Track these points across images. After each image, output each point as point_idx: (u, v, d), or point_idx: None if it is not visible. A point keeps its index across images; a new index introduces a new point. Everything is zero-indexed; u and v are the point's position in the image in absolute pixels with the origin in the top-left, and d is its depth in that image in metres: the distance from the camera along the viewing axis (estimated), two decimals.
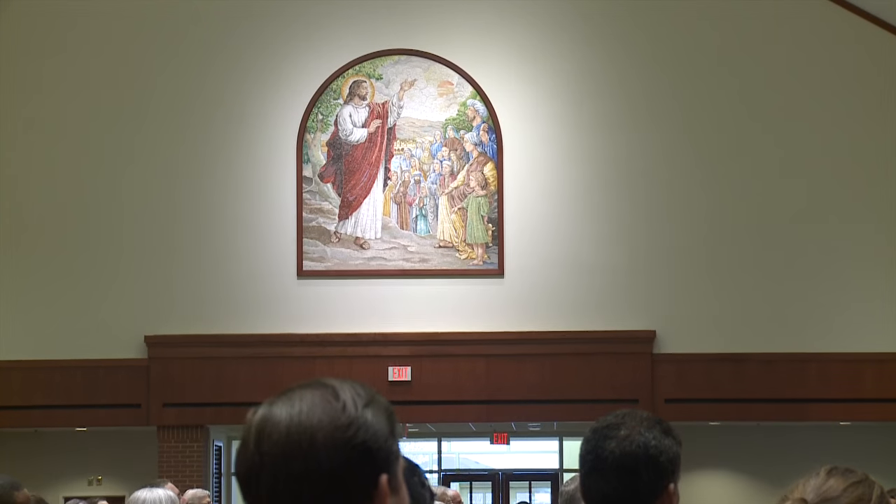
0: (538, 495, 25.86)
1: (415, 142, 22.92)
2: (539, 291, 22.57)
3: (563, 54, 22.78)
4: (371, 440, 2.32)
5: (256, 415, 2.35)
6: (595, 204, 22.69)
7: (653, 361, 22.48)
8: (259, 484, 2.31)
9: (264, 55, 22.76)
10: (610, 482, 4.22)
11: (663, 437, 4.26)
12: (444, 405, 22.58)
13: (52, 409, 22.41)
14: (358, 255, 22.76)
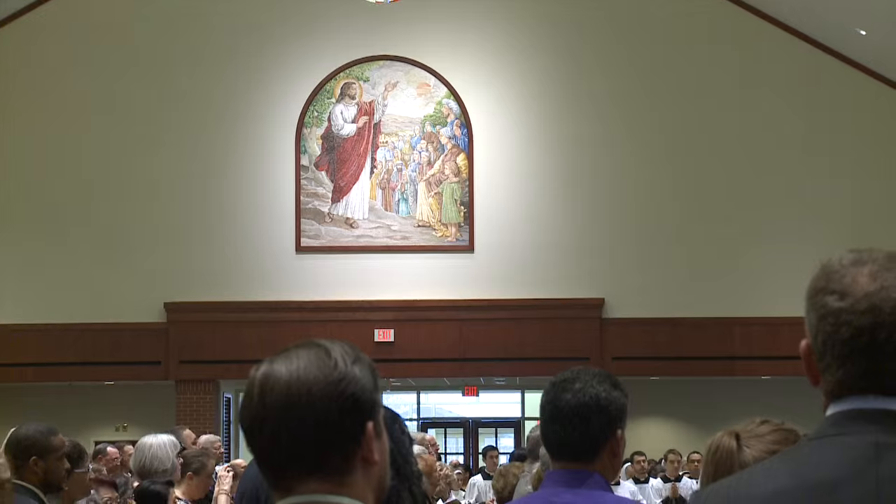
0: (503, 440, 25.79)
1: (397, 135, 22.91)
2: (504, 265, 22.58)
3: (526, 60, 22.76)
4: (358, 392, 2.30)
5: (259, 371, 2.34)
6: (554, 189, 22.70)
7: (601, 325, 22.52)
8: (262, 432, 2.29)
9: (268, 62, 22.70)
10: (566, 428, 4.24)
11: (612, 390, 4.27)
12: (422, 363, 22.58)
13: (84, 366, 22.37)
14: (348, 233, 22.76)
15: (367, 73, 22.93)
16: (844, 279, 2.35)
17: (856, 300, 2.32)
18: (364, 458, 2.34)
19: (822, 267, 2.41)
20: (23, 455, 6.60)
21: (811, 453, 2.35)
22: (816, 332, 2.38)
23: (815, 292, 2.39)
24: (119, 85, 22.62)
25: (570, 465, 4.31)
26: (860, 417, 2.34)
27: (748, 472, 2.44)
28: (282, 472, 2.34)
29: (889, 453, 2.29)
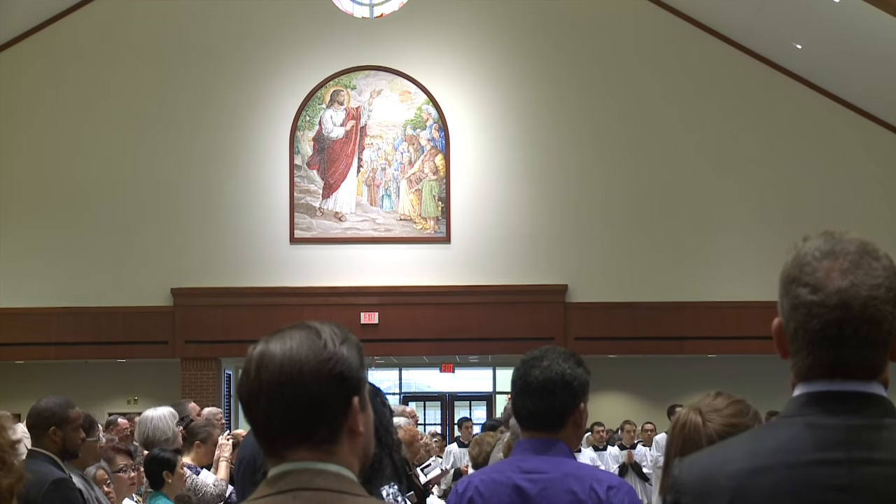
0: (476, 412, 25.78)
1: (381, 138, 22.89)
2: (478, 254, 22.59)
3: (498, 70, 22.76)
4: (346, 370, 2.31)
5: (256, 350, 2.35)
6: (522, 186, 22.70)
7: (565, 308, 22.54)
8: (258, 405, 2.31)
9: (264, 71, 22.67)
10: (535, 401, 4.27)
11: (576, 367, 4.31)
12: (404, 342, 22.59)
13: (99, 345, 22.38)
14: (337, 225, 22.74)
15: (354, 81, 22.91)
16: (817, 273, 2.32)
17: (827, 296, 2.30)
18: (350, 429, 2.35)
19: (795, 255, 2.37)
20: (43, 425, 6.61)
21: (785, 433, 2.34)
22: (789, 319, 2.35)
23: (788, 280, 2.36)
24: (131, 89, 22.59)
25: (537, 434, 4.34)
26: (829, 399, 2.32)
27: (724, 449, 2.42)
28: (275, 441, 2.34)
29: (858, 434, 2.28)
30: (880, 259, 2.33)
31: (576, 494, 4.18)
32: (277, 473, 2.33)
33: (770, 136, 22.49)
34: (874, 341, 2.31)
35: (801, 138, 22.46)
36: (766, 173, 22.42)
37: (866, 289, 2.30)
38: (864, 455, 2.27)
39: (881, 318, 2.30)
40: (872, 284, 2.30)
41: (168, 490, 8.14)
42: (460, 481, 4.49)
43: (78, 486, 6.56)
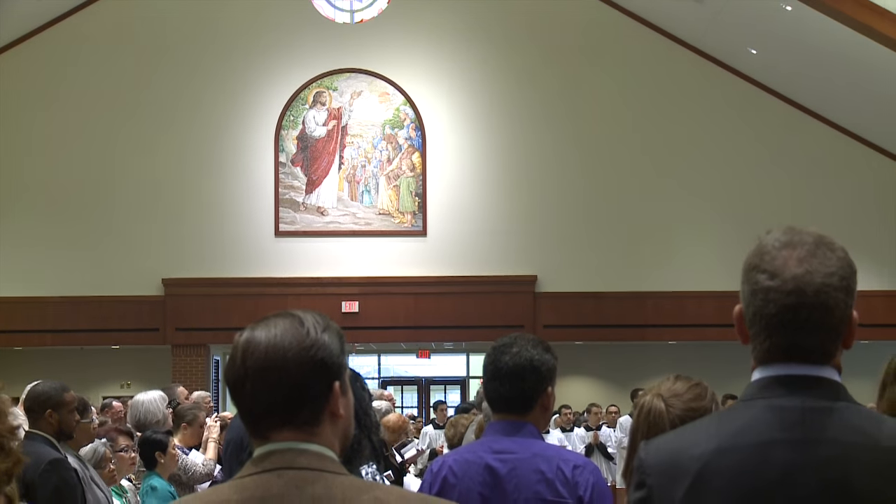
0: (450, 395, 25.82)
1: (361, 136, 22.87)
2: (453, 247, 22.60)
3: (472, 73, 22.77)
4: (327, 356, 2.31)
5: (242, 337, 2.34)
6: (495, 182, 22.72)
7: (535, 298, 22.57)
8: (244, 389, 2.30)
9: (251, 74, 22.64)
10: (505, 385, 4.29)
11: (544, 353, 4.32)
12: (383, 330, 22.59)
13: (94, 332, 22.33)
14: (319, 219, 22.72)
15: (335, 83, 22.88)
16: (776, 261, 2.34)
17: (784, 281, 2.32)
18: (331, 412, 2.35)
19: (757, 245, 2.40)
20: (39, 408, 6.59)
21: (746, 415, 2.35)
22: (748, 304, 2.38)
23: (749, 268, 2.38)
24: (125, 90, 22.52)
25: (507, 416, 4.36)
26: (785, 383, 2.34)
27: (687, 432, 2.43)
28: (260, 423, 2.34)
29: (814, 415, 2.30)
30: (835, 251, 2.36)
31: (544, 473, 4.20)
32: (262, 453, 2.33)
33: (727, 137, 22.55)
34: (827, 326, 2.34)
35: (756, 139, 22.51)
36: (723, 172, 22.49)
37: (820, 276, 2.32)
38: (818, 435, 2.29)
39: (833, 305, 2.32)
40: (826, 272, 2.32)
41: (161, 469, 8.16)
42: (435, 461, 4.50)
43: (73, 466, 6.54)
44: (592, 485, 4.20)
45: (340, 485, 2.30)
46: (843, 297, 2.34)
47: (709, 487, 2.30)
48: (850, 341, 2.39)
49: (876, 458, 2.27)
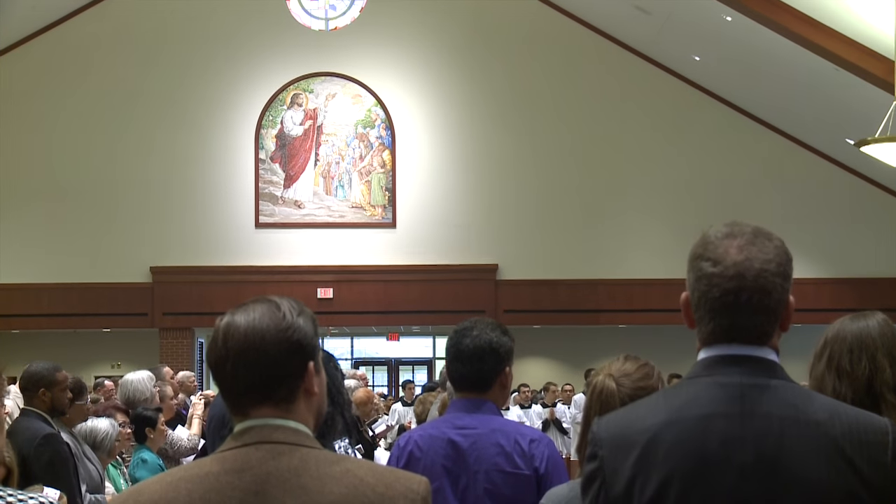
0: (418, 375, 25.85)
1: (335, 135, 22.84)
2: (420, 237, 22.60)
3: (439, 77, 22.76)
4: (302, 338, 2.31)
5: (223, 321, 2.34)
6: (459, 178, 22.73)
7: (496, 285, 22.60)
8: (225, 369, 2.31)
9: (234, 76, 22.57)
10: (466, 366, 4.31)
11: (502, 336, 4.35)
12: (355, 314, 22.59)
13: (86, 316, 22.27)
14: (296, 212, 22.67)
15: (311, 86, 22.83)
16: (718, 249, 2.36)
17: (725, 267, 2.34)
18: (306, 390, 2.35)
19: (702, 236, 2.42)
20: (33, 387, 6.59)
21: (691, 391, 2.37)
22: (693, 290, 2.40)
23: (694, 257, 2.40)
24: (117, 92, 22.42)
25: (469, 394, 4.38)
26: (727, 362, 2.37)
27: (637, 408, 2.44)
28: (240, 400, 2.34)
29: (752, 391, 2.32)
30: (773, 240, 2.39)
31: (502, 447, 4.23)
32: (242, 428, 2.33)
33: (673, 137, 22.63)
34: (765, 309, 2.36)
35: (699, 139, 22.61)
36: (670, 169, 22.57)
37: (759, 262, 2.34)
38: (755, 410, 2.32)
39: (771, 289, 2.35)
40: (764, 259, 2.35)
41: (151, 444, 8.19)
42: (401, 436, 4.51)
43: (66, 441, 6.55)
44: (547, 457, 4.23)
45: (314, 457, 2.30)
46: (781, 281, 2.37)
47: (655, 457, 2.32)
48: (787, 324, 2.42)
49: (807, 431, 2.29)
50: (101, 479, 6.95)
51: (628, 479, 2.33)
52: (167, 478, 2.33)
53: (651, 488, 2.30)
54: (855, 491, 2.26)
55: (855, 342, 3.21)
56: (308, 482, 2.26)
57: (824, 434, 2.29)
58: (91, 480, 6.78)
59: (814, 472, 2.26)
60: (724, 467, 2.28)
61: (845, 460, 2.27)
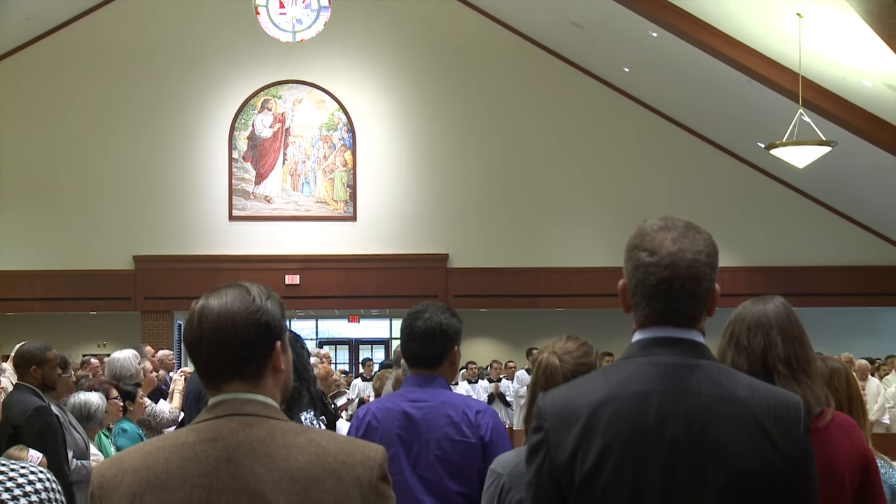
0: (376, 353, 25.83)
1: (302, 137, 22.76)
2: (378, 229, 22.58)
3: (395, 85, 22.74)
4: (270, 321, 2.32)
5: (198, 304, 2.35)
6: (413, 175, 22.73)
7: (446, 272, 22.62)
8: (200, 348, 2.32)
9: (209, 83, 22.45)
10: (418, 345, 4.34)
11: (451, 318, 4.38)
12: (319, 299, 22.55)
13: (75, 300, 22.11)
14: (266, 206, 22.58)
15: (280, 92, 22.74)
16: (654, 241, 2.37)
17: (661, 257, 2.36)
18: (273, 367, 2.35)
19: (638, 229, 2.43)
20: (25, 364, 6.69)
21: (627, 370, 2.38)
22: (631, 278, 2.41)
23: (632, 248, 2.41)
24: (104, 97, 22.25)
25: (421, 371, 4.41)
26: (661, 343, 2.38)
27: (579, 384, 2.45)
28: (214, 376, 2.34)
29: (683, 371, 2.34)
30: (702, 233, 2.41)
31: (451, 418, 4.26)
32: (215, 402, 2.34)
33: (605, 139, 22.73)
34: (696, 296, 2.38)
35: (629, 141, 22.71)
36: (604, 169, 22.67)
37: (691, 253, 2.36)
38: (684, 387, 2.34)
39: (702, 277, 2.37)
40: (696, 250, 2.37)
41: (131, 416, 8.28)
42: (360, 409, 4.53)
43: (55, 413, 6.57)
44: (492, 427, 4.27)
45: (281, 428, 2.30)
46: (709, 271, 2.39)
47: (596, 429, 2.33)
48: (713, 309, 2.44)
49: (731, 406, 2.32)
50: (87, 446, 6.99)
51: (571, 450, 2.33)
52: (147, 447, 2.34)
53: (592, 457, 2.31)
54: (771, 460, 2.29)
55: (752, 321, 3.27)
56: (275, 451, 2.26)
57: (746, 409, 2.31)
58: (77, 447, 6.82)
59: (736, 444, 2.29)
60: (658, 439, 2.30)
61: (763, 433, 2.30)
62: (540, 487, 2.36)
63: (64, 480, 6.12)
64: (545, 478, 2.35)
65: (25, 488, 2.43)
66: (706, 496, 2.26)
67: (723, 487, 2.26)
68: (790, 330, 3.26)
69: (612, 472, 2.29)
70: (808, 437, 2.33)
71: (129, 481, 2.26)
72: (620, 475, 2.28)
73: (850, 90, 15.83)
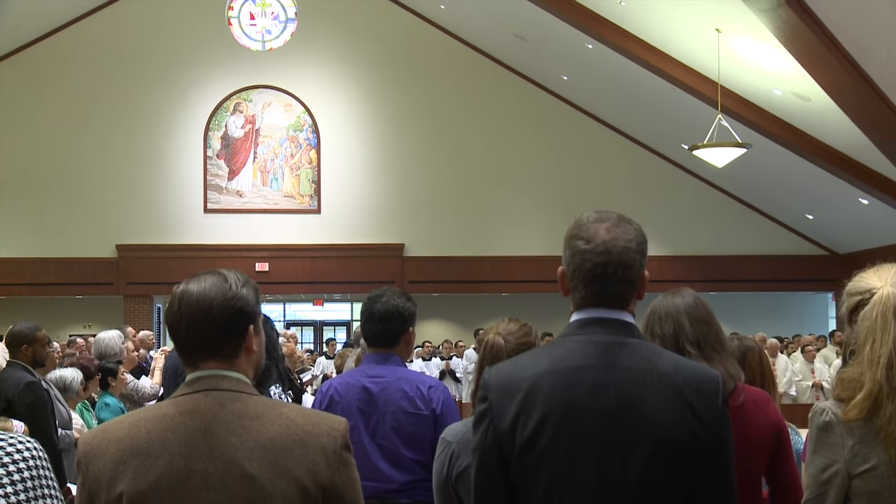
0: (339, 334, 25.81)
1: (271, 137, 22.65)
2: (341, 221, 22.52)
3: (356, 89, 22.67)
4: (244, 306, 2.32)
5: (178, 289, 2.34)
6: (372, 172, 22.69)
7: (402, 260, 22.61)
8: (179, 329, 2.32)
9: (187, 88, 22.28)
10: (377, 326, 4.36)
11: (406, 302, 4.40)
12: (287, 284, 22.47)
13: (62, 286, 21.93)
14: (238, 200, 22.45)
15: (251, 96, 22.61)
16: (589, 230, 2.39)
17: (596, 245, 2.37)
18: (246, 347, 2.35)
19: (576, 220, 2.44)
20: (17, 343, 6.71)
21: (565, 347, 2.40)
22: (569, 264, 2.42)
23: (570, 237, 2.42)
24: (89, 99, 22.01)
25: (379, 349, 4.43)
26: (595, 323, 2.40)
27: (521, 360, 2.46)
28: (191, 355, 2.34)
29: (614, 348, 2.36)
30: (633, 225, 2.44)
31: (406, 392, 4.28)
32: (193, 378, 2.33)
33: (544, 141, 22.79)
34: (627, 280, 2.40)
35: (569, 143, 22.79)
36: (544, 168, 22.74)
37: (622, 241, 2.38)
38: (615, 362, 2.35)
39: (632, 263, 2.38)
40: (627, 239, 2.39)
41: (113, 390, 8.29)
42: (324, 384, 4.53)
43: (45, 387, 6.59)
44: (443, 400, 4.30)
45: (254, 402, 2.31)
46: (639, 258, 2.40)
47: (536, 400, 2.34)
48: (642, 293, 2.46)
49: (657, 380, 2.34)
50: (69, 417, 7.01)
51: (513, 417, 2.35)
52: (129, 418, 2.33)
53: (531, 425, 2.33)
54: (693, 429, 2.31)
55: (663, 311, 3.35)
56: (248, 423, 2.27)
57: (671, 383, 2.33)
58: (62, 419, 6.85)
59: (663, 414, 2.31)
60: (591, 409, 2.31)
61: (686, 404, 2.32)
62: (485, 452, 2.38)
63: (53, 448, 6.16)
64: (489, 443, 2.36)
65: (14, 456, 2.41)
66: (634, 461, 2.28)
67: (649, 454, 2.27)
68: (697, 314, 3.32)
69: (549, 438, 2.31)
70: (725, 408, 2.35)
71: (113, 449, 2.25)
72: (556, 442, 2.30)
73: (763, 98, 15.99)
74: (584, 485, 2.29)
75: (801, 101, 15.20)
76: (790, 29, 11.40)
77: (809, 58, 11.97)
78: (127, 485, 2.21)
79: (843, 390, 2.63)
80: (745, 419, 3.23)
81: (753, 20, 12.47)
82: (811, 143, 16.52)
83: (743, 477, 3.02)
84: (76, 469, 2.34)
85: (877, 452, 2.55)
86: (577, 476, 2.29)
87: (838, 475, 2.58)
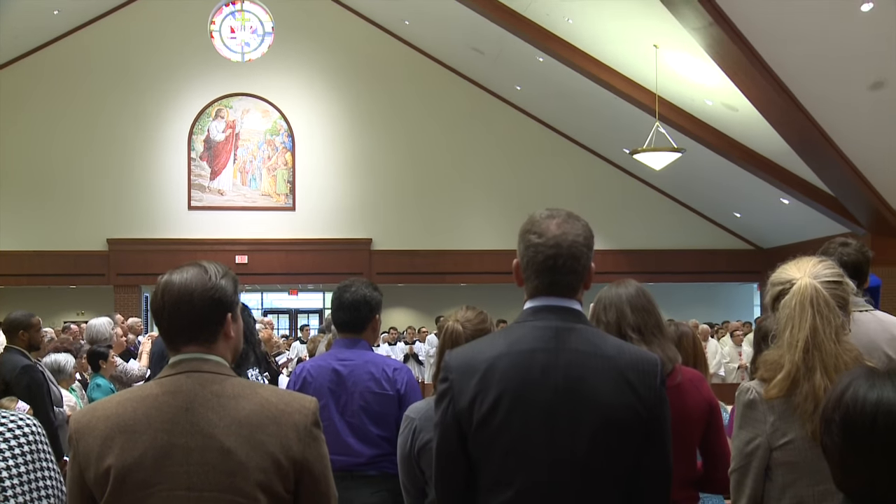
0: (312, 321, 25.70)
1: (249, 141, 22.49)
2: (314, 217, 22.43)
3: (328, 96, 22.56)
4: (223, 296, 2.31)
5: (162, 279, 2.34)
6: (343, 172, 22.60)
7: (370, 254, 22.54)
8: (163, 317, 2.31)
9: (172, 95, 22.05)
10: (346, 314, 4.34)
11: (373, 292, 4.39)
12: (264, 276, 22.33)
13: (57, 276, 21.65)
14: (220, 198, 22.28)
15: (231, 103, 22.44)
16: (542, 226, 2.41)
17: (547, 239, 2.38)
18: (224, 334, 2.34)
19: (529, 217, 2.46)
20: (14, 329, 6.69)
21: (519, 332, 2.41)
22: (523, 256, 2.44)
23: (524, 232, 2.44)
24: (81, 105, 21.75)
25: (348, 335, 4.44)
26: (547, 310, 2.41)
27: (478, 344, 2.47)
28: (174, 340, 2.33)
29: (563, 332, 2.37)
30: (581, 221, 2.46)
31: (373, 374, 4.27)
32: (176, 361, 2.33)
33: (498, 145, 22.81)
34: (575, 271, 2.41)
35: (522, 148, 22.81)
36: (500, 170, 22.76)
37: (571, 236, 2.40)
38: (564, 346, 2.37)
39: (580, 255, 2.40)
40: (575, 234, 2.41)
41: (103, 372, 8.25)
42: (298, 366, 4.53)
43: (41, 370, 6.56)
44: (406, 382, 4.31)
45: (231, 383, 2.30)
46: (586, 251, 2.42)
47: (492, 380, 2.35)
48: (589, 283, 2.48)
49: (602, 363, 2.35)
50: (60, 397, 6.98)
51: (471, 397, 2.36)
52: (117, 398, 2.32)
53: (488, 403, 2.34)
54: (634, 407, 2.32)
55: (607, 301, 3.36)
56: (226, 402, 2.26)
57: (614, 365, 2.35)
58: (54, 398, 6.80)
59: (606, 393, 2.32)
60: (542, 388, 2.33)
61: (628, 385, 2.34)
62: (446, 428, 2.38)
63: (50, 426, 6.16)
64: (450, 420, 2.37)
65: (15, 432, 2.43)
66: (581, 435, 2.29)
67: (594, 428, 2.29)
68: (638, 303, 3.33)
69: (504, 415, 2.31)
70: (663, 388, 2.37)
71: (101, 426, 2.24)
72: (511, 418, 2.30)
73: (696, 108, 16.11)
74: (536, 456, 2.29)
75: (729, 111, 15.33)
76: (720, 46, 11.50)
77: (737, 72, 12.08)
78: (114, 459, 2.20)
79: (766, 371, 2.67)
80: (682, 397, 3.27)
81: (687, 37, 12.56)
82: (739, 148, 16.67)
83: (680, 448, 3.08)
84: (68, 444, 2.32)
85: (794, 427, 2.60)
86: (530, 448, 2.30)
87: (761, 448, 2.62)
